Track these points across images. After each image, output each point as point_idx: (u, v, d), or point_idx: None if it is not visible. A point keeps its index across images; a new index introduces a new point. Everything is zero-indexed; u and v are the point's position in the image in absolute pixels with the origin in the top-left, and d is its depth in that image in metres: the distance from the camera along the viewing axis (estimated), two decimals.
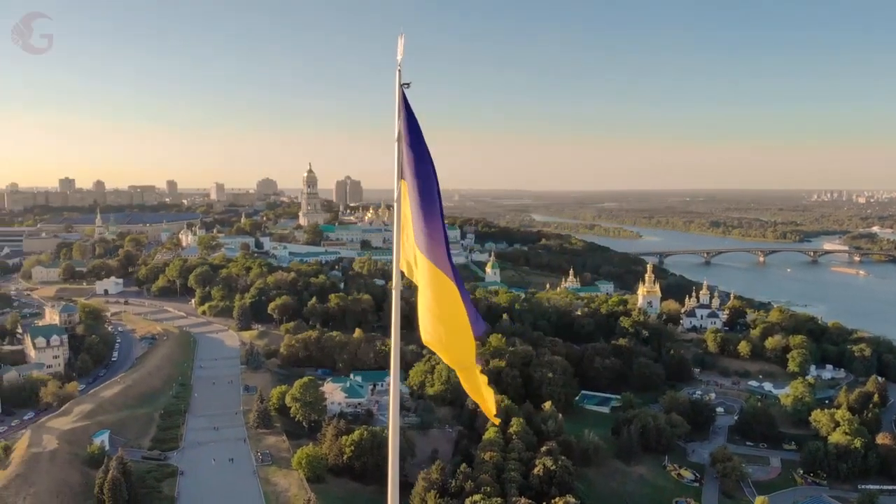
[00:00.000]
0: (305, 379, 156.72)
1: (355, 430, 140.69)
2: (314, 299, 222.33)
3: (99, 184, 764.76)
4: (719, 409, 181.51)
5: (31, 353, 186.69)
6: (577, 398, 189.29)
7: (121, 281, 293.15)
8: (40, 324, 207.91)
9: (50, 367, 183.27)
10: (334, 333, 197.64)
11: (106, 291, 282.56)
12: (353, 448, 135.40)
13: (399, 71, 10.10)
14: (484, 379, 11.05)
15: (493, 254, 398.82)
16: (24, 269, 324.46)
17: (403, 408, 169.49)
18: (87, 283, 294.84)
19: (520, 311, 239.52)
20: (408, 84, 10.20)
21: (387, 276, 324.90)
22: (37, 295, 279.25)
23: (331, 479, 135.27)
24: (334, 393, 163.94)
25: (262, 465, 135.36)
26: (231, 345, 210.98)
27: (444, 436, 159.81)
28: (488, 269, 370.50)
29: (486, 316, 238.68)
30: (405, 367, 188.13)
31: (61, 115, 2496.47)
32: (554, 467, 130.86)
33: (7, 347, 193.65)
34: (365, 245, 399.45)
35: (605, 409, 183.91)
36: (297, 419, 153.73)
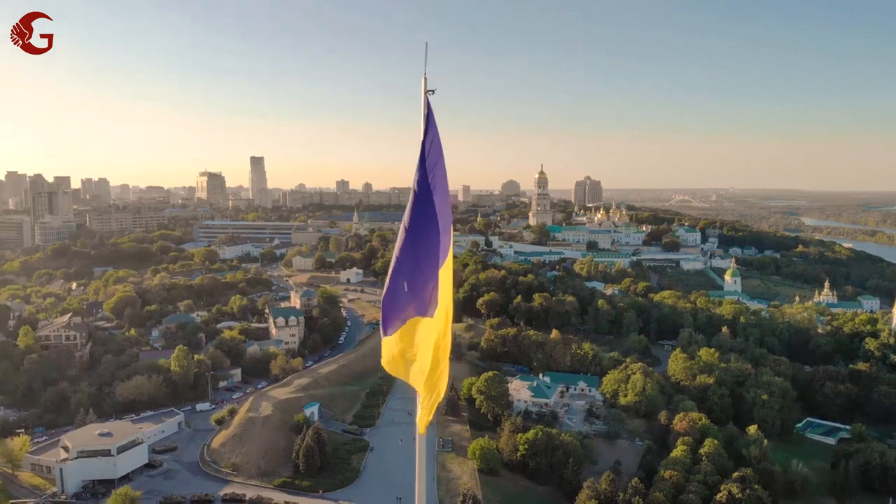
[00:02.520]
0: (490, 373, 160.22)
1: (531, 428, 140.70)
2: (519, 297, 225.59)
3: (367, 185, 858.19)
4: None
5: (273, 330, 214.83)
6: (798, 425, 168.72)
7: (361, 272, 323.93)
8: (285, 306, 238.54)
9: (287, 344, 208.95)
10: (531, 332, 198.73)
11: (348, 280, 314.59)
12: (526, 446, 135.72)
13: (425, 78, 9.89)
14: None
15: (734, 260, 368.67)
16: (286, 259, 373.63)
17: (592, 415, 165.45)
18: (334, 273, 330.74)
19: (744, 325, 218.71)
20: (433, 91, 9.94)
21: (607, 278, 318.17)
22: (292, 281, 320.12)
23: (505, 474, 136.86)
24: (521, 391, 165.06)
25: (442, 451, 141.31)
26: None
27: (632, 448, 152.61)
28: (727, 277, 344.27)
29: (703, 328, 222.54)
30: (601, 373, 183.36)
31: (344, 122, 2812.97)
32: (741, 495, 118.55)
33: (255, 325, 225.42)
34: (591, 246, 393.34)
35: (832, 441, 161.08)
36: (482, 411, 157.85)
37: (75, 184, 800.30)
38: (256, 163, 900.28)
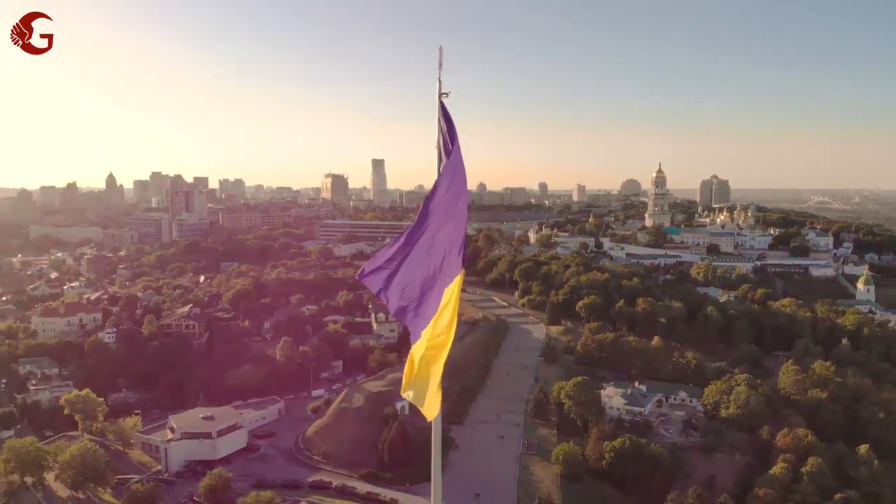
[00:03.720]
0: (579, 378, 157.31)
1: (619, 436, 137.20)
2: (622, 301, 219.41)
3: (481, 185, 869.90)
4: None
5: (374, 325, 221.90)
6: None
7: (463, 270, 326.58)
8: None
9: (387, 338, 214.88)
10: (631, 338, 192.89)
11: None
12: (612, 454, 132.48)
13: (439, 81, 10.11)
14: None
15: (868, 267, 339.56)
16: None
17: (690, 426, 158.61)
18: None
19: (868, 338, 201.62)
20: (447, 94, 10.15)
21: (726, 283, 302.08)
22: None
23: (589, 481, 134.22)
24: (614, 398, 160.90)
25: (527, 453, 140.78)
26: (537, 337, 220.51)
27: (730, 463, 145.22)
28: (860, 285, 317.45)
29: (824, 339, 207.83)
30: (704, 383, 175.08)
31: (465, 122, 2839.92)
32: None
33: (358, 319, 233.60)
34: (712, 249, 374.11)
35: None
36: (570, 416, 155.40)
37: (213, 184, 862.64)
38: (377, 165, 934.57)
